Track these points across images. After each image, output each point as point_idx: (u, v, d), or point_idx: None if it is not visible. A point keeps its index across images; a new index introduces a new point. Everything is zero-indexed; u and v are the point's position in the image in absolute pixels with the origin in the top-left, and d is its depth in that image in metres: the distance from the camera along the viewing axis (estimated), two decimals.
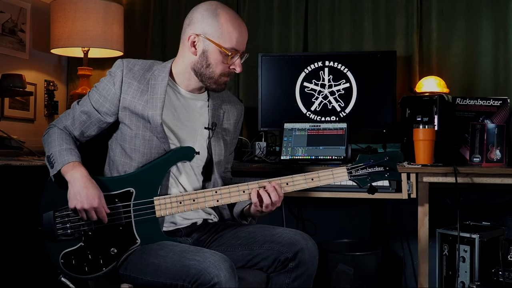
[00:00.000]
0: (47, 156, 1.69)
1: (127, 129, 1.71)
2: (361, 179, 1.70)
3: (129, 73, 1.71)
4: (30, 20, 2.96)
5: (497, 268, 2.27)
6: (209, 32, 1.66)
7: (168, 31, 3.17)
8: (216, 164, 1.79)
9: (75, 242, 1.64)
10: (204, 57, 1.68)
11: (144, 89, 1.70)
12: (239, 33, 1.68)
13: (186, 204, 1.67)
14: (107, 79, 1.72)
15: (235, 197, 1.68)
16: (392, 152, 1.71)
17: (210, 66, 1.69)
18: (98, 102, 1.71)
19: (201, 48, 1.68)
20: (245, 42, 1.72)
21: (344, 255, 2.67)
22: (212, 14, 1.67)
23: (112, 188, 1.66)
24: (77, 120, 1.74)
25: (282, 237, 1.66)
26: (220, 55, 1.67)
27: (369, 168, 1.69)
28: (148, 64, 1.76)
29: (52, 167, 1.65)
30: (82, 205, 1.58)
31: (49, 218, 1.64)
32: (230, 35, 1.66)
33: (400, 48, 2.82)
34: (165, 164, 1.69)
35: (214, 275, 1.43)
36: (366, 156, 1.71)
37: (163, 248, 1.58)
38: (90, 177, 1.62)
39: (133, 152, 1.70)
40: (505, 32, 2.70)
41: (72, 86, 3.24)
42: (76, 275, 1.63)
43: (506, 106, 2.44)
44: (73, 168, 1.62)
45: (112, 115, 1.72)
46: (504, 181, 2.18)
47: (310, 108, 2.69)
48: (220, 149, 1.80)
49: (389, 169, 1.69)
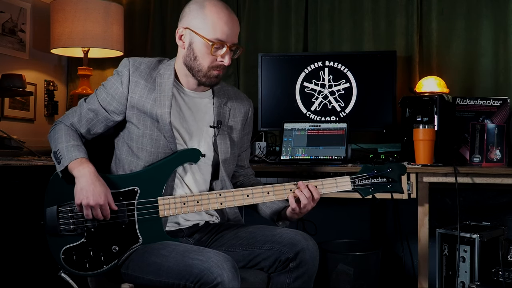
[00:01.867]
0: (53, 152, 1.68)
1: (134, 128, 1.71)
2: (364, 189, 1.72)
3: (135, 71, 1.71)
4: (30, 20, 2.96)
5: (497, 268, 2.27)
6: (194, 24, 1.67)
7: (168, 31, 3.17)
8: (222, 162, 1.78)
9: (77, 238, 1.63)
10: (191, 50, 1.68)
11: (151, 88, 1.70)
12: (224, 24, 1.65)
13: (190, 205, 1.67)
14: (114, 78, 1.72)
15: (239, 201, 1.68)
16: (395, 164, 1.74)
17: (197, 58, 1.68)
18: (106, 101, 1.71)
19: (188, 41, 1.69)
20: (234, 35, 1.69)
21: (344, 255, 2.67)
22: (199, 6, 1.67)
23: (117, 186, 1.66)
24: (84, 117, 1.74)
25: (283, 237, 1.66)
26: (205, 47, 1.66)
27: (372, 179, 1.72)
28: (154, 62, 1.76)
29: (59, 163, 1.65)
30: (88, 202, 1.58)
31: (53, 212, 1.63)
32: (214, 25, 1.65)
33: (400, 48, 2.82)
34: (171, 165, 1.69)
35: (217, 275, 1.43)
36: (369, 167, 1.73)
37: (166, 247, 1.58)
38: (97, 174, 1.62)
39: (140, 151, 1.70)
40: (505, 32, 2.70)
41: (72, 86, 3.24)
42: (77, 271, 1.63)
43: (506, 106, 2.44)
44: (81, 164, 1.62)
45: (119, 114, 1.72)
46: (504, 181, 2.18)
47: (310, 108, 2.69)
48: (226, 147, 1.79)
49: (392, 180, 1.72)
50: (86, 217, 1.61)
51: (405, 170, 1.75)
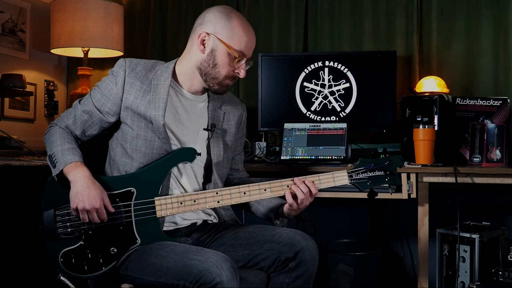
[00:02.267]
0: (48, 155, 1.68)
1: (128, 129, 1.70)
2: (362, 183, 1.71)
3: (131, 73, 1.70)
4: (30, 20, 2.96)
5: (497, 268, 2.27)
6: (220, 32, 1.67)
7: (168, 31, 3.17)
8: (215, 165, 1.78)
9: (75, 241, 1.63)
10: (212, 56, 1.69)
11: (146, 89, 1.70)
12: (248, 39, 1.70)
13: (187, 204, 1.67)
14: (109, 78, 1.72)
15: (235, 199, 1.68)
16: (392, 157, 1.73)
17: (216, 66, 1.69)
18: (100, 102, 1.71)
19: (210, 47, 1.68)
20: (252, 49, 1.74)
21: (344, 255, 2.67)
22: (226, 16, 1.68)
23: (113, 188, 1.66)
24: (79, 119, 1.73)
25: (282, 237, 1.66)
26: (228, 57, 1.68)
27: (370, 172, 1.71)
28: (151, 64, 1.75)
29: (54, 167, 1.65)
30: (83, 206, 1.58)
31: (50, 216, 1.64)
32: (240, 38, 1.68)
33: (400, 48, 2.82)
34: (167, 165, 1.69)
35: (216, 275, 1.43)
36: (366, 160, 1.72)
37: (164, 248, 1.58)
38: (92, 178, 1.62)
39: (135, 152, 1.69)
40: (505, 32, 2.69)
41: (72, 86, 3.24)
42: (76, 274, 1.63)
43: (506, 106, 2.44)
44: (76, 168, 1.62)
45: (114, 115, 1.71)
46: (504, 181, 2.18)
47: (310, 108, 2.69)
48: (219, 150, 1.80)
49: (390, 173, 1.71)
50: (82, 221, 1.61)
51: (402, 162, 1.74)
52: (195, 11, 3.13)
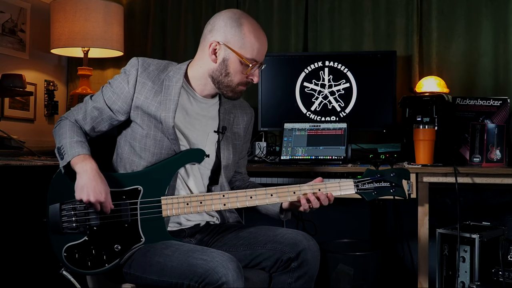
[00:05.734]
0: (57, 147, 1.68)
1: (138, 128, 1.70)
2: (367, 193, 1.72)
3: (144, 72, 1.70)
4: (30, 20, 2.96)
5: (497, 268, 2.27)
6: (231, 41, 1.66)
7: (168, 31, 3.17)
8: (224, 168, 1.79)
9: (79, 236, 1.63)
10: (224, 66, 1.68)
11: (158, 90, 1.70)
12: (260, 45, 1.68)
13: (193, 206, 1.67)
14: (121, 77, 1.71)
15: (242, 202, 1.68)
16: (399, 169, 1.74)
17: (229, 75, 1.68)
18: (111, 99, 1.71)
19: (222, 57, 1.67)
20: (264, 53, 1.71)
21: (344, 255, 2.67)
22: (236, 23, 1.66)
23: (120, 185, 1.66)
24: (89, 115, 1.73)
25: (284, 237, 1.66)
26: (240, 65, 1.67)
27: (376, 183, 1.73)
28: (163, 64, 1.75)
29: (62, 159, 1.64)
30: (88, 198, 1.57)
31: (55, 210, 1.63)
32: (252, 46, 1.66)
33: (400, 48, 2.82)
34: (175, 165, 1.69)
35: (222, 275, 1.43)
36: (373, 171, 1.74)
37: (169, 247, 1.58)
38: (99, 171, 1.61)
39: (143, 151, 1.69)
40: (505, 32, 2.70)
41: (72, 86, 3.25)
42: (78, 269, 1.62)
43: (506, 106, 2.44)
44: (83, 160, 1.61)
45: (124, 114, 1.71)
46: (504, 181, 2.18)
47: (310, 108, 2.69)
48: (228, 153, 1.80)
49: (395, 185, 1.73)
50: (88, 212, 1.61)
51: (408, 175, 1.76)
52: (195, 11, 3.13)
